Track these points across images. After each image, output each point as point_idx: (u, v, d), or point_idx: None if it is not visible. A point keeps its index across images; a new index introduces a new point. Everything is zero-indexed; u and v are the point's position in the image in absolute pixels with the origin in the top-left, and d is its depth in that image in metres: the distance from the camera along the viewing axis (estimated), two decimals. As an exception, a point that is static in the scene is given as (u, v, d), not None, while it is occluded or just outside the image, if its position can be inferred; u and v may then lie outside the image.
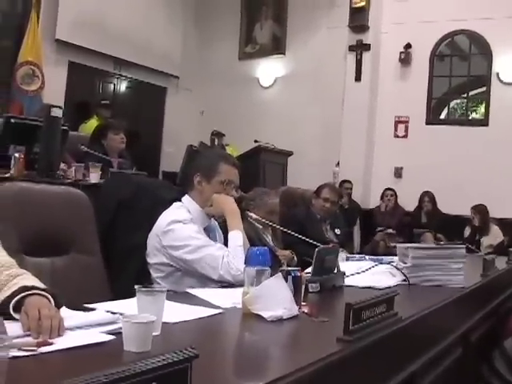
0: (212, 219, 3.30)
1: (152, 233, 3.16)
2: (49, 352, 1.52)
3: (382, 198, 10.37)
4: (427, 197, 10.04)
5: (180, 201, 3.26)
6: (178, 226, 3.08)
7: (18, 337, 1.59)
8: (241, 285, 2.40)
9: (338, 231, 6.11)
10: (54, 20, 9.77)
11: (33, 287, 1.83)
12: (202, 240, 3.06)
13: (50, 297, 1.81)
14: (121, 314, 1.76)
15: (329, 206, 6.00)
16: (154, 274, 3.16)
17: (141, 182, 3.95)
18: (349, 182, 10.25)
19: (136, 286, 1.82)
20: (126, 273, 3.23)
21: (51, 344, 1.56)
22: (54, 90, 9.24)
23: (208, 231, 3.23)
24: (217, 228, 3.34)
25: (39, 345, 1.53)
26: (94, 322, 1.81)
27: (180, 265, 3.08)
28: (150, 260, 3.17)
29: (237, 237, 3.06)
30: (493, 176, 9.78)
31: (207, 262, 2.99)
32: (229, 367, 1.69)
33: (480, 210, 9.23)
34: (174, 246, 3.06)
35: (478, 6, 10.21)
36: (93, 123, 8.65)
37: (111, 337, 1.67)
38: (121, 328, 1.61)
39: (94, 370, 1.02)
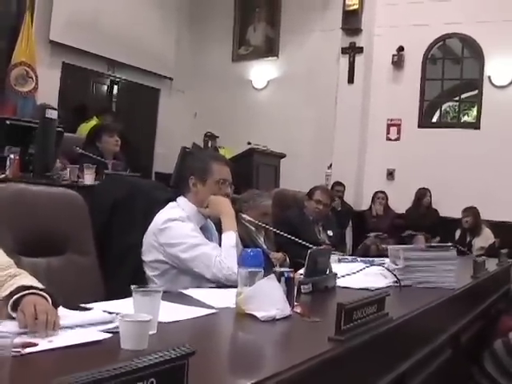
0: (208, 219, 3.34)
1: (148, 231, 3.19)
2: (47, 350, 1.55)
3: (372, 200, 10.40)
4: (428, 192, 10.13)
5: (175, 201, 3.30)
6: (175, 224, 3.12)
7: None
8: (235, 285, 2.43)
9: (330, 233, 6.14)
10: (48, 21, 9.76)
11: (31, 287, 1.85)
12: (198, 238, 3.09)
13: (47, 296, 1.84)
14: (117, 314, 1.79)
15: (321, 208, 6.03)
16: (150, 273, 3.18)
17: (135, 182, 3.98)
18: (340, 184, 10.27)
19: (132, 287, 1.85)
20: (121, 273, 3.25)
21: (36, 345, 1.57)
22: (47, 91, 9.22)
23: (204, 231, 3.26)
24: (212, 228, 3.37)
25: (24, 346, 1.53)
26: (91, 320, 1.84)
27: (175, 262, 3.11)
28: (146, 258, 3.20)
29: (230, 237, 3.09)
30: (484, 179, 9.81)
31: (202, 261, 3.02)
32: (223, 365, 1.71)
33: (472, 212, 9.29)
34: (170, 244, 3.10)
35: (471, 9, 10.24)
36: (93, 124, 8.66)
37: (108, 335, 1.70)
38: (117, 327, 1.64)
39: (93, 367, 1.04)
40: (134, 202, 3.52)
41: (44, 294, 1.84)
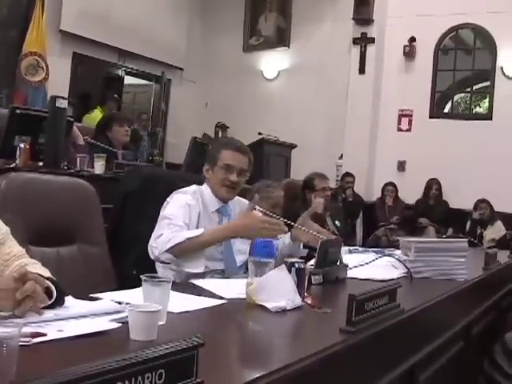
0: (228, 205, 3.35)
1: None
2: (56, 339, 1.55)
3: (382, 192, 10.36)
4: (435, 184, 10.08)
5: None
6: (175, 197, 3.17)
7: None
8: (245, 276, 2.42)
9: (338, 223, 6.09)
10: (59, 11, 9.79)
11: (36, 274, 1.84)
12: (176, 215, 3.07)
13: (50, 284, 1.82)
14: (126, 304, 1.78)
15: (329, 194, 5.94)
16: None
17: (151, 173, 3.99)
18: (350, 175, 10.25)
19: (142, 276, 1.84)
20: (126, 259, 3.28)
21: (45, 335, 1.56)
22: (58, 81, 9.25)
23: (221, 213, 3.31)
24: (230, 215, 3.38)
25: (33, 335, 1.53)
26: (100, 310, 1.83)
27: None
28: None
29: (197, 232, 3.01)
30: (496, 170, 9.76)
31: (156, 229, 3.04)
32: (233, 357, 1.71)
33: (488, 203, 9.27)
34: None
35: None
36: (97, 114, 8.67)
37: (117, 325, 1.69)
38: (127, 317, 1.63)
39: (101, 357, 1.04)
40: (147, 192, 3.54)
41: (47, 282, 1.82)
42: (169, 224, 3.01)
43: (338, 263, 3.00)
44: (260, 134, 8.85)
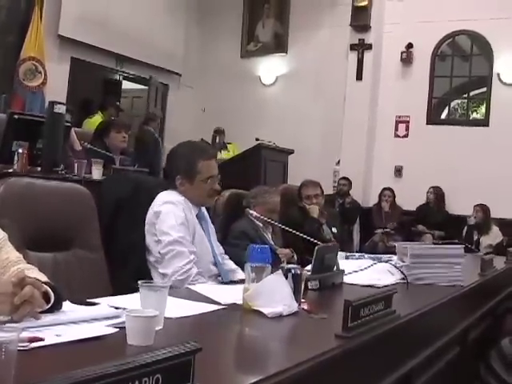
0: (202, 208, 3.38)
1: (149, 211, 3.26)
2: (53, 344, 1.55)
3: (379, 197, 10.36)
4: (435, 190, 10.07)
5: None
6: (167, 209, 3.18)
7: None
8: (242, 281, 2.43)
9: (334, 230, 6.06)
10: (57, 16, 9.78)
11: (34, 279, 1.84)
12: (184, 237, 3.14)
13: (48, 289, 1.83)
14: (124, 309, 1.79)
15: (319, 200, 5.94)
16: (151, 259, 3.23)
17: (139, 180, 3.96)
18: (345, 178, 10.28)
19: (139, 282, 1.85)
20: (125, 270, 3.27)
21: (43, 340, 1.56)
22: (56, 85, 9.25)
23: (200, 218, 3.33)
24: (207, 217, 3.44)
25: (31, 340, 1.53)
26: (98, 316, 1.83)
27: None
28: (148, 239, 3.25)
29: None
30: (493, 176, 9.77)
31: (174, 257, 3.09)
32: (229, 362, 1.71)
33: (482, 208, 9.28)
34: (159, 231, 3.17)
35: (480, 6, 10.19)
36: (97, 119, 8.67)
37: (115, 330, 1.70)
38: (124, 322, 1.63)
39: (99, 362, 1.05)
40: (138, 199, 3.53)
41: (45, 287, 1.82)
42: (188, 254, 3.10)
43: (335, 269, 3.01)
44: (257, 139, 8.87)
